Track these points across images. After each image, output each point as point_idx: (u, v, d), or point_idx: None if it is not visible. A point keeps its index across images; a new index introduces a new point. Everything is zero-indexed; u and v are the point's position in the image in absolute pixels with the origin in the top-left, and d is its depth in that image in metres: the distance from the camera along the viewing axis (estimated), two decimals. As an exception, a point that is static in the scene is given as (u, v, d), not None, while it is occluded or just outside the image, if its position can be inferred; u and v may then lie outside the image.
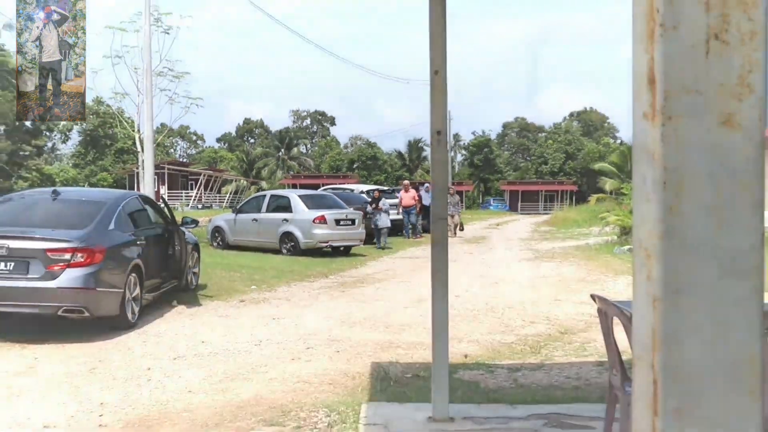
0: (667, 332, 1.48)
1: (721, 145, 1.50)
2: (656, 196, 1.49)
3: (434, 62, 6.45)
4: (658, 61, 1.52)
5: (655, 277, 1.49)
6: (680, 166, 1.49)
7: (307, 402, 7.42)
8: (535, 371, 8.60)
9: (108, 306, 10.99)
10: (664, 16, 1.51)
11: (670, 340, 1.48)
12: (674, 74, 1.51)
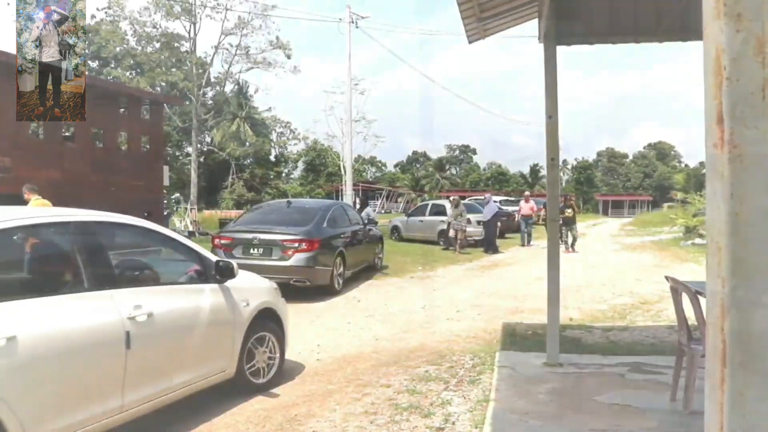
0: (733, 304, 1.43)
1: (773, 166, 1.45)
2: (724, 205, 1.45)
3: (549, 109, 6.31)
4: (725, 105, 1.47)
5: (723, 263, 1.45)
6: (742, 182, 1.44)
7: (457, 349, 7.40)
8: (621, 332, 8.28)
9: (322, 278, 11.30)
10: (730, 71, 1.47)
11: (735, 310, 1.43)
12: (737, 115, 1.46)
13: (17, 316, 3.72)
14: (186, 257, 5.54)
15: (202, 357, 5.22)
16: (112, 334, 4.26)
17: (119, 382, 4.29)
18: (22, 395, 3.59)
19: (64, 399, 3.94)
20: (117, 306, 4.36)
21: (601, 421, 4.65)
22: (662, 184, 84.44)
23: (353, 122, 28.90)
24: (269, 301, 6.27)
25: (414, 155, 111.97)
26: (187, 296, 5.22)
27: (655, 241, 25.21)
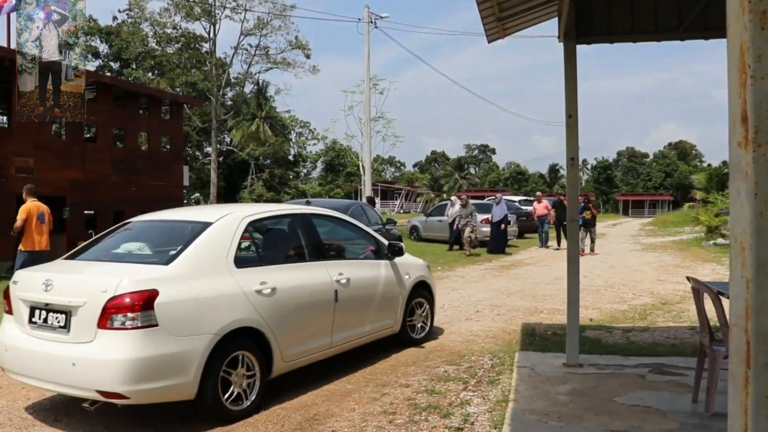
0: (758, 305, 1.42)
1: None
2: (748, 204, 1.43)
3: (568, 108, 6.28)
4: (750, 104, 1.45)
5: (747, 264, 1.43)
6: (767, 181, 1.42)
7: (476, 349, 7.38)
8: (642, 332, 8.21)
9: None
10: (754, 70, 1.45)
11: (760, 311, 1.42)
12: (762, 113, 1.44)
13: (276, 275, 5.64)
14: (366, 240, 7.48)
15: (379, 314, 7.01)
16: (327, 292, 6.14)
17: (330, 326, 6.16)
18: (278, 326, 5.43)
19: (300, 333, 5.81)
20: (329, 272, 6.25)
21: (621, 423, 4.61)
22: (683, 183, 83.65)
23: (372, 122, 28.90)
24: (424, 275, 7.98)
25: (433, 155, 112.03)
26: (370, 268, 7.07)
27: (676, 242, 25.00)
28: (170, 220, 6.47)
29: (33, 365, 4.92)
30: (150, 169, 22.55)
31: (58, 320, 4.82)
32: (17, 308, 5.18)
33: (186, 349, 4.73)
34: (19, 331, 5.11)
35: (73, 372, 4.62)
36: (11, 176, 17.24)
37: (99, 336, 4.59)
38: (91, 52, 58.15)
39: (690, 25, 6.42)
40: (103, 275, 5.05)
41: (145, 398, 4.68)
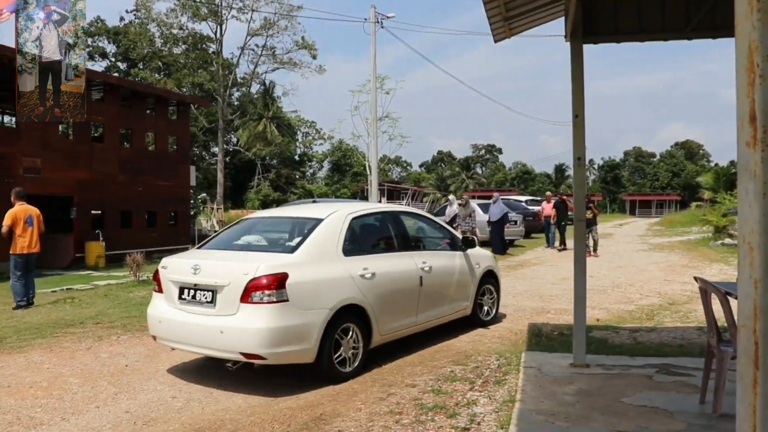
0: (766, 306, 1.40)
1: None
2: (757, 204, 1.42)
3: (575, 108, 6.27)
4: (758, 103, 1.44)
5: (756, 264, 1.41)
6: None
7: (482, 350, 7.37)
8: (649, 332, 8.18)
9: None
10: (763, 69, 1.44)
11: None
12: None
13: (374, 262, 6.78)
14: (443, 234, 8.70)
15: (455, 298, 8.11)
16: (414, 278, 7.24)
17: (416, 306, 7.27)
18: (376, 305, 6.55)
19: (393, 311, 6.86)
20: (415, 261, 7.37)
21: (628, 423, 4.60)
22: (690, 183, 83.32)
23: (378, 121, 28.89)
24: (491, 265, 9.06)
25: (439, 155, 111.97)
26: (447, 258, 8.17)
27: (683, 242, 24.91)
28: (284, 217, 7.91)
29: (184, 334, 6.15)
30: (157, 169, 22.60)
31: (205, 297, 6.01)
32: (167, 288, 6.40)
33: (309, 321, 5.87)
34: (168, 306, 6.35)
35: (220, 338, 5.79)
36: (19, 176, 17.30)
37: (241, 309, 5.75)
38: (98, 53, 58.44)
39: (697, 25, 6.40)
40: (243, 261, 6.17)
41: (277, 359, 5.84)
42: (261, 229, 7.50)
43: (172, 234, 23.34)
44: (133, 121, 22.29)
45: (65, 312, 10.23)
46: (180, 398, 5.66)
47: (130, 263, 14.07)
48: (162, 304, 6.48)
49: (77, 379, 6.32)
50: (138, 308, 10.24)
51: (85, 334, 8.41)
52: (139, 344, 7.82)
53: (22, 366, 6.85)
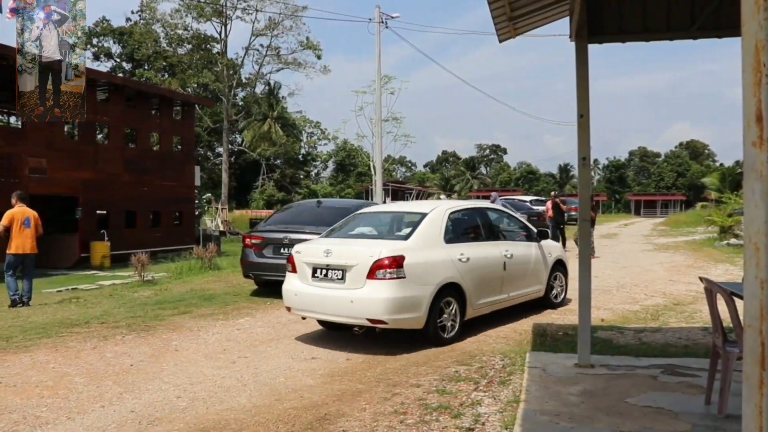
0: (772, 307, 1.39)
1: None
2: (763, 204, 1.41)
3: (580, 108, 6.26)
4: (765, 103, 1.43)
5: (762, 264, 1.41)
6: None
7: (487, 349, 7.36)
8: (654, 333, 8.17)
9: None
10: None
11: None
12: None
13: (468, 249, 8.20)
14: (521, 227, 10.17)
15: (532, 281, 9.56)
16: (499, 263, 8.64)
17: (500, 287, 8.67)
18: (470, 284, 7.93)
19: (482, 290, 8.23)
20: (499, 249, 8.79)
21: (633, 424, 4.59)
22: (696, 183, 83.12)
23: (383, 122, 28.90)
24: (561, 255, 10.54)
25: (444, 155, 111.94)
26: (525, 247, 9.56)
27: (688, 242, 24.84)
28: (392, 212, 9.73)
29: (317, 304, 7.66)
30: (161, 169, 22.65)
31: (336, 275, 7.53)
32: (301, 269, 7.93)
33: (420, 294, 7.32)
34: (302, 283, 7.86)
35: (350, 307, 7.30)
36: (25, 176, 17.36)
37: (368, 284, 7.22)
38: (103, 53, 58.55)
39: (703, 24, 6.38)
40: (367, 247, 7.67)
41: (396, 324, 7.28)
42: (371, 222, 9.15)
43: (176, 234, 23.38)
44: (137, 121, 22.33)
45: (70, 312, 10.25)
46: (184, 398, 5.67)
47: (135, 263, 14.10)
48: (296, 281, 7.99)
49: (82, 379, 6.33)
50: (143, 308, 10.26)
51: (90, 333, 8.43)
52: (143, 344, 7.83)
53: (28, 365, 6.87)
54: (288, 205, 16.15)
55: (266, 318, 9.52)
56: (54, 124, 18.05)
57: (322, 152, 79.99)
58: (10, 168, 17.05)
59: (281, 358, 7.12)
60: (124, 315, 9.76)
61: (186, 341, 7.99)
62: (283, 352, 7.36)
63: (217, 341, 7.98)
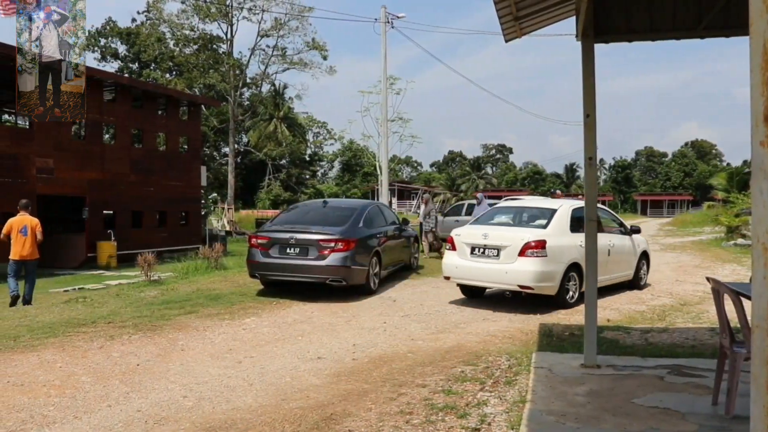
0: (781, 307, 1.39)
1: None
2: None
3: (586, 107, 6.25)
4: (772, 102, 1.42)
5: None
6: None
7: (493, 350, 7.35)
8: (661, 333, 8.14)
9: (358, 278, 11.31)
10: (778, 67, 1.41)
11: None
12: None
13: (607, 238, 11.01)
14: (618, 222, 12.39)
15: (625, 266, 11.83)
16: (605, 250, 10.52)
17: (605, 268, 10.21)
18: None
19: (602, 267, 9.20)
20: (605, 240, 10.60)
21: (639, 424, 4.57)
22: (703, 183, 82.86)
23: (389, 122, 28.89)
24: (646, 247, 12.88)
25: (450, 155, 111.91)
26: (621, 239, 11.81)
27: (695, 242, 24.76)
28: (525, 206, 12.32)
29: (475, 274, 10.39)
30: (168, 169, 22.70)
31: (492, 253, 10.19)
32: (460, 248, 10.64)
33: (556, 269, 9.93)
34: (461, 259, 10.55)
35: (504, 276, 9.99)
36: (32, 176, 17.42)
37: (518, 260, 9.87)
38: (110, 53, 58.70)
39: (710, 23, 6.36)
40: (517, 233, 10.35)
41: (539, 290, 9.91)
42: (508, 214, 11.93)
43: (183, 234, 23.43)
44: (144, 121, 22.39)
45: (77, 311, 10.28)
46: (191, 397, 5.68)
47: (142, 263, 14.13)
48: (455, 258, 10.70)
49: (89, 378, 6.35)
50: (149, 308, 10.29)
51: (97, 333, 8.45)
52: (150, 344, 7.85)
53: (35, 364, 6.89)
54: (294, 205, 16.13)
55: (272, 318, 9.52)
56: (61, 125, 18.12)
57: (328, 152, 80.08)
58: (18, 168, 17.12)
59: (287, 357, 7.12)
60: (130, 315, 9.78)
61: (192, 341, 8.00)
62: (289, 352, 7.37)
63: (224, 341, 7.99)
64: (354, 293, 11.36)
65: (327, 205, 13.06)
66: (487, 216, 11.80)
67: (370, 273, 11.62)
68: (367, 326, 8.87)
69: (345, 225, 11.62)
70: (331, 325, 8.93)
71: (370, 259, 11.65)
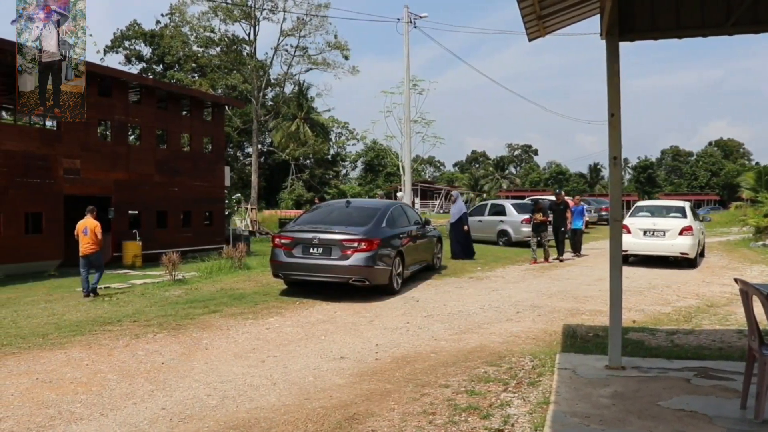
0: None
1: None
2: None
3: (611, 107, 6.19)
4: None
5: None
6: None
7: (516, 350, 7.32)
8: (687, 335, 8.04)
9: (381, 278, 11.31)
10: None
11: None
12: None
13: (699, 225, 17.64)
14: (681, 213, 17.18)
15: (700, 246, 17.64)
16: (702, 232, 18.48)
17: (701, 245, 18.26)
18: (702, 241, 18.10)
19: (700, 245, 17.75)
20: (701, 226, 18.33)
21: (665, 427, 4.53)
22: (730, 182, 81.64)
23: (412, 122, 28.87)
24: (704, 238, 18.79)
25: (473, 154, 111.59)
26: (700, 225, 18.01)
27: (722, 242, 24.41)
28: (666, 206, 18.17)
29: (649, 247, 16.31)
30: (192, 169, 22.89)
31: (661, 233, 16.24)
32: (634, 231, 16.29)
33: (696, 242, 16.42)
34: (635, 238, 16.20)
35: (671, 248, 16.10)
36: (59, 177, 17.68)
37: (678, 238, 16.01)
38: (135, 56, 59.35)
39: (739, 19, 6.25)
40: (673, 220, 16.52)
41: (690, 255, 16.08)
42: (651, 210, 17.87)
43: (207, 234, 23.63)
44: (169, 122, 22.61)
45: (103, 310, 10.41)
46: (215, 396, 5.73)
47: (166, 263, 14.26)
48: (630, 238, 15.89)
49: (115, 376, 6.43)
50: (173, 307, 10.39)
51: (122, 331, 8.56)
52: (174, 342, 7.93)
53: (63, 362, 7.00)
54: (317, 205, 16.17)
55: (295, 317, 9.57)
56: (88, 126, 18.37)
57: (350, 153, 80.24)
58: (46, 169, 17.38)
59: (310, 357, 7.15)
60: (155, 313, 9.88)
61: (216, 340, 8.07)
62: (312, 352, 7.40)
63: (247, 340, 8.05)
64: (377, 293, 11.37)
65: (350, 205, 13.07)
66: (636, 210, 18.12)
67: (393, 273, 11.62)
68: (390, 326, 8.88)
69: (368, 225, 11.62)
70: (354, 325, 8.95)
71: (393, 259, 11.65)
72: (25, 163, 16.85)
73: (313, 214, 13.15)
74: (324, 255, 11.16)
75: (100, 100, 19.19)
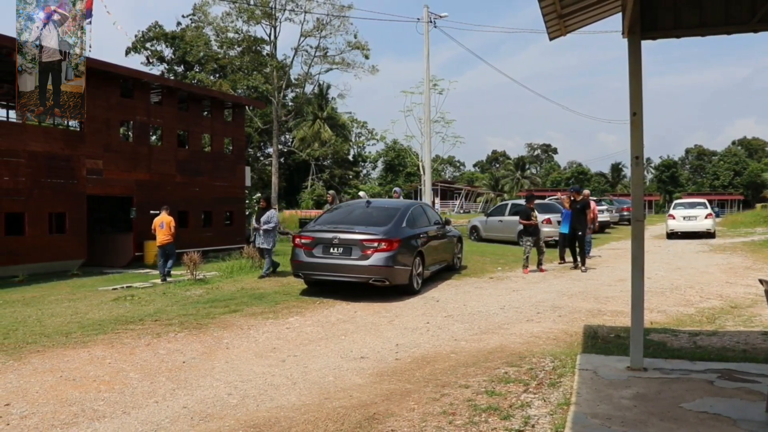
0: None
1: None
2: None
3: (633, 106, 6.14)
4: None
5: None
6: None
7: (537, 351, 7.29)
8: (710, 336, 7.94)
9: (401, 278, 11.32)
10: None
11: None
12: None
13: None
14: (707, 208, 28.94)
15: None
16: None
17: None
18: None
19: None
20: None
21: (687, 430, 4.48)
22: (754, 181, 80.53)
23: (432, 122, 28.84)
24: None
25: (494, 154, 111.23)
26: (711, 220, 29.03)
27: (746, 243, 24.09)
28: (697, 201, 29.99)
29: (687, 227, 27.01)
30: (213, 169, 23.04)
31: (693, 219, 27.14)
32: (678, 217, 27.35)
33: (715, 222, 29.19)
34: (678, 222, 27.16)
35: (700, 225, 26.88)
36: (82, 177, 17.89)
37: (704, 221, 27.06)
38: (156, 57, 59.86)
39: (765, 16, 6.17)
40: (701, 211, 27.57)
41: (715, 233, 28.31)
42: (683, 204, 29.02)
43: (227, 233, 23.77)
44: (190, 123, 22.76)
45: (125, 309, 10.53)
46: (235, 395, 5.77)
47: (187, 262, 14.38)
48: (675, 222, 27.01)
49: (137, 374, 6.50)
50: (194, 306, 10.47)
51: (144, 330, 8.64)
52: (195, 341, 7.99)
53: (86, 360, 7.08)
54: (337, 205, 16.21)
55: (316, 317, 9.60)
56: (110, 127, 18.58)
57: (371, 153, 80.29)
58: (69, 169, 17.59)
59: (330, 357, 7.18)
60: (176, 313, 9.97)
61: (237, 339, 8.12)
62: (332, 351, 7.42)
63: (267, 339, 8.09)
64: (397, 293, 11.38)
65: (370, 205, 13.09)
66: (675, 204, 28.09)
67: (413, 273, 11.62)
68: (410, 326, 8.88)
69: (388, 225, 11.63)
70: (374, 325, 8.97)
71: (413, 259, 11.65)
72: (48, 164, 17.07)
73: (333, 214, 13.18)
74: (344, 255, 11.18)
75: (123, 101, 19.38)
